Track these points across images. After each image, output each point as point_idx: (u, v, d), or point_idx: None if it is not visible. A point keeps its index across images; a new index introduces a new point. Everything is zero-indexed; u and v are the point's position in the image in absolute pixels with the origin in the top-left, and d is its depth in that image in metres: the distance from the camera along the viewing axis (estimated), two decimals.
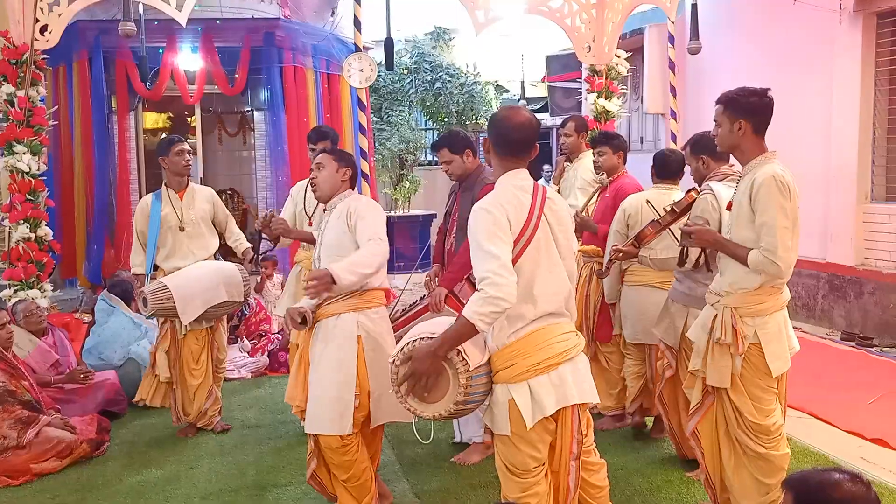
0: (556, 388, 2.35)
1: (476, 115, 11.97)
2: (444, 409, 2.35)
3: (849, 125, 6.61)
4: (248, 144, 9.02)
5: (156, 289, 4.14)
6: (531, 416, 2.32)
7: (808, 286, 7.12)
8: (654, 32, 8.98)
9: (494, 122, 2.48)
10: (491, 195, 2.41)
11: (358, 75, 6.39)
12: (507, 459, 2.41)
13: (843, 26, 6.59)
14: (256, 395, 5.30)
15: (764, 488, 2.89)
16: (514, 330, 2.35)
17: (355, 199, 3.18)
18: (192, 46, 7.25)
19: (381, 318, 3.11)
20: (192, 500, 3.58)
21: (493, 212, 2.32)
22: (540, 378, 2.33)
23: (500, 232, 2.30)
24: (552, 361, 2.35)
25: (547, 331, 2.39)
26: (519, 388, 2.33)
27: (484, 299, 2.22)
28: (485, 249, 2.27)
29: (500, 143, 2.47)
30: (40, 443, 3.88)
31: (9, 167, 5.45)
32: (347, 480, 3.06)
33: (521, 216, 2.36)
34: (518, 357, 2.34)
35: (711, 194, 3.27)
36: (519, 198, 2.39)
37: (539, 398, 2.32)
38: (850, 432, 4.24)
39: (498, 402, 2.37)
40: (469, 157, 3.88)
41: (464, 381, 2.30)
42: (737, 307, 2.84)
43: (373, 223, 3.03)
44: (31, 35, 5.40)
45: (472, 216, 2.36)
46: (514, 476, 2.41)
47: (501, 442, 2.42)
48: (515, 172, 2.46)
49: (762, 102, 2.83)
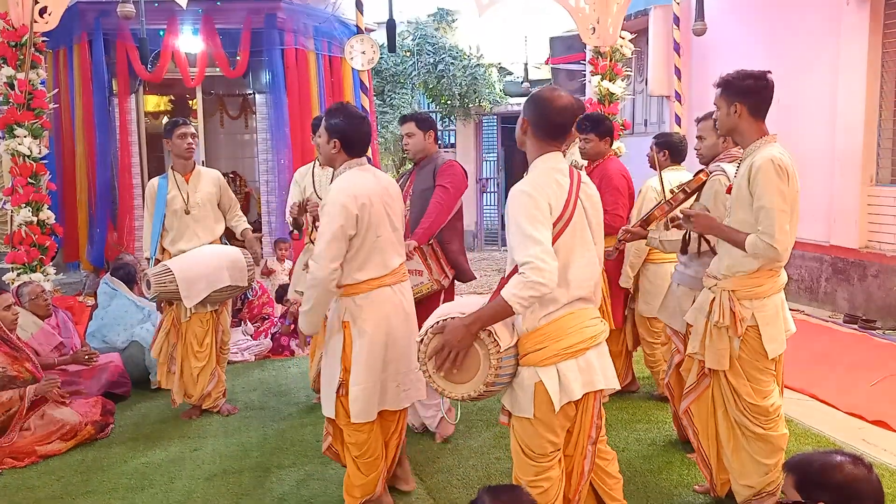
0: (583, 373, 2.36)
1: (479, 98, 11.90)
2: (474, 390, 2.34)
3: (855, 107, 6.56)
4: (250, 127, 8.99)
5: (159, 271, 4.14)
6: (558, 400, 2.32)
7: (812, 269, 7.11)
8: (659, 14, 8.89)
9: (536, 103, 2.41)
10: (530, 177, 2.36)
11: (360, 57, 6.35)
12: (524, 442, 2.42)
13: (851, 7, 6.53)
14: (260, 377, 5.32)
15: (763, 469, 2.91)
16: (546, 313, 2.34)
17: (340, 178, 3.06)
18: (193, 28, 7.20)
19: (368, 303, 2.98)
20: (196, 481, 3.61)
21: (535, 195, 2.28)
22: (568, 362, 2.33)
23: (542, 216, 2.27)
24: (581, 346, 2.36)
25: (577, 315, 2.38)
26: (547, 372, 2.32)
27: (525, 283, 2.19)
28: (527, 233, 2.23)
29: (539, 125, 2.40)
30: (45, 425, 3.92)
31: (10, 150, 5.44)
32: (359, 457, 3.09)
33: (560, 200, 2.33)
34: (548, 340, 2.33)
35: (724, 175, 3.25)
36: (558, 181, 2.36)
37: (567, 382, 2.33)
38: (851, 414, 4.25)
39: (523, 385, 2.36)
40: (431, 137, 3.99)
41: (495, 362, 2.29)
42: (735, 290, 2.84)
43: (320, 235, 2.92)
44: (30, 17, 5.36)
45: (512, 198, 2.31)
46: (529, 459, 2.42)
47: (520, 424, 2.42)
48: (553, 155, 2.41)
49: (759, 85, 2.81)
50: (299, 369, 5.47)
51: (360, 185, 2.94)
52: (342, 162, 3.04)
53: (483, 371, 2.32)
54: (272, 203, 7.62)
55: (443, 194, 3.84)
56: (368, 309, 2.98)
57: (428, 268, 3.80)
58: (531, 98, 2.45)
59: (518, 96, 12.40)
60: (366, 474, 3.09)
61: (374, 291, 2.99)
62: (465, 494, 3.35)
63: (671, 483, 3.44)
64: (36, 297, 4.60)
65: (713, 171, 3.33)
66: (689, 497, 3.31)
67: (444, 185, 3.84)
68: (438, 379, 2.38)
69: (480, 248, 12.34)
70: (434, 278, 3.80)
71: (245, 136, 9.31)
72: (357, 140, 3.04)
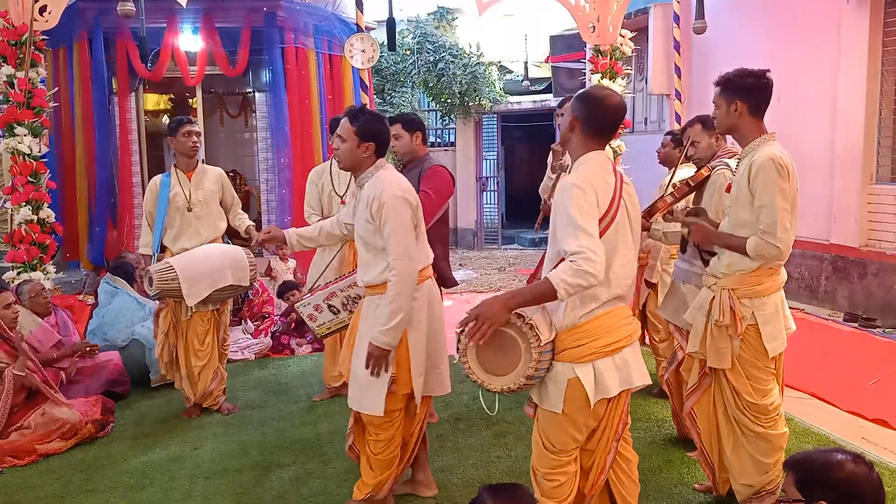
0: (619, 370, 2.38)
1: (479, 96, 11.88)
2: (514, 383, 2.34)
3: (855, 106, 6.56)
4: (250, 126, 8.97)
5: (162, 269, 4.14)
6: (594, 397, 2.34)
7: (812, 267, 7.11)
8: (660, 12, 8.89)
9: (589, 102, 2.43)
10: (579, 172, 2.37)
11: (360, 56, 6.34)
12: (547, 436, 2.45)
13: (850, 6, 6.52)
14: (260, 376, 5.32)
15: (763, 467, 2.91)
16: (586, 311, 2.35)
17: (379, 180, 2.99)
18: (193, 27, 7.19)
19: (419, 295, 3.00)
20: (196, 479, 3.61)
21: (585, 188, 2.29)
22: (605, 360, 2.35)
23: (591, 209, 2.28)
24: (619, 345, 2.38)
25: (615, 314, 2.40)
26: (584, 369, 2.34)
27: (575, 271, 2.20)
28: (578, 224, 2.24)
29: (591, 123, 2.41)
30: (45, 423, 3.92)
31: (10, 149, 5.43)
32: (378, 454, 3.07)
33: (606, 196, 2.34)
34: (587, 338, 2.34)
35: (728, 169, 3.25)
36: (605, 178, 2.37)
37: (603, 380, 2.35)
38: (851, 413, 4.25)
39: (556, 379, 2.37)
40: (418, 139, 3.92)
41: (535, 356, 2.30)
42: (735, 289, 2.84)
43: (395, 233, 2.88)
44: (30, 15, 5.35)
45: (563, 191, 2.32)
46: (549, 452, 2.45)
47: (545, 418, 2.44)
48: (599, 153, 2.43)
49: (759, 83, 2.82)
50: (299, 368, 5.47)
51: (401, 181, 3.00)
52: (371, 164, 3.03)
53: (524, 364, 2.32)
54: (272, 202, 7.62)
55: (424, 200, 3.56)
56: (417, 304, 2.99)
57: None
58: (582, 97, 2.46)
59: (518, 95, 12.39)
60: (378, 473, 3.09)
61: (422, 284, 3.02)
62: (465, 494, 3.34)
63: (671, 482, 3.44)
64: (36, 294, 4.60)
65: (716, 167, 3.34)
66: (689, 496, 3.31)
67: (427, 192, 3.71)
68: (478, 370, 2.38)
69: (481, 247, 12.33)
70: None
71: (245, 135, 9.30)
72: (387, 142, 3.11)
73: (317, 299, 3.56)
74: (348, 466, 3.68)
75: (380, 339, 2.87)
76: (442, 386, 3.19)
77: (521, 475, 3.53)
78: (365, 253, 3.02)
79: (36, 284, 4.69)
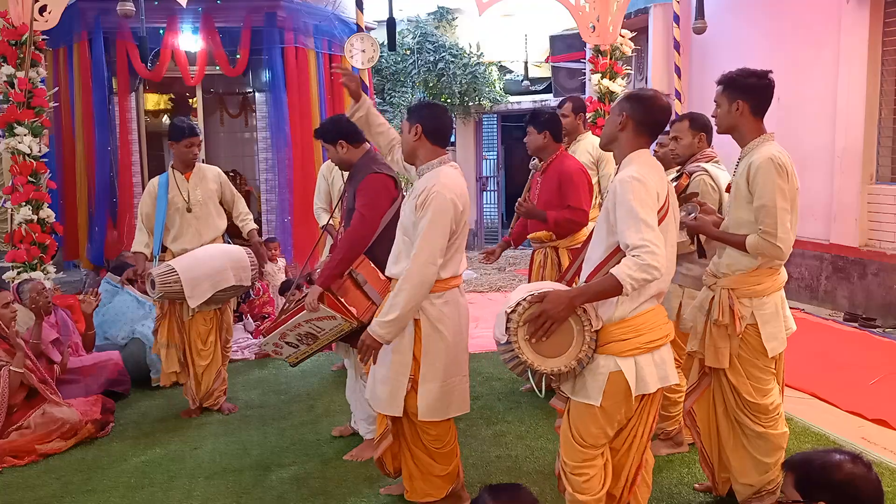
0: (657, 368, 2.40)
1: (479, 96, 11.88)
2: (565, 365, 2.35)
3: (855, 106, 6.56)
4: (250, 126, 8.97)
5: (164, 271, 4.13)
6: (635, 390, 2.36)
7: (812, 267, 7.11)
8: (660, 12, 8.89)
9: (642, 102, 2.47)
10: (636, 167, 2.38)
11: (360, 56, 6.34)
12: (578, 429, 2.46)
13: (850, 5, 6.52)
14: (260, 375, 5.32)
15: (763, 467, 2.91)
16: (635, 305, 2.37)
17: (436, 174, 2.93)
18: (193, 27, 7.19)
19: (443, 303, 2.92)
20: (196, 479, 3.61)
21: (647, 182, 2.32)
22: (646, 356, 2.38)
23: (652, 202, 2.31)
24: (659, 343, 2.41)
25: (658, 311, 2.44)
26: (626, 362, 2.36)
27: (640, 266, 2.22)
28: (640, 217, 2.26)
29: (643, 122, 2.46)
30: (45, 423, 3.92)
31: (10, 149, 5.44)
32: (439, 448, 3.02)
33: (663, 192, 2.38)
34: (632, 333, 2.36)
35: (707, 174, 3.26)
36: (658, 173, 2.41)
37: (643, 375, 2.37)
38: (851, 412, 4.25)
39: (596, 372, 2.38)
40: (343, 147, 3.69)
41: (588, 338, 2.32)
42: (734, 288, 2.85)
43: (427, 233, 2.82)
44: (30, 15, 5.36)
45: (624, 185, 2.32)
46: (579, 445, 2.46)
47: (578, 410, 2.45)
48: (646, 151, 2.48)
49: (761, 83, 2.83)
50: (299, 368, 5.45)
51: (458, 184, 2.94)
52: (427, 156, 3.00)
53: (576, 346, 2.35)
54: (272, 202, 7.62)
55: (357, 224, 3.42)
56: (446, 309, 2.93)
57: (340, 310, 3.33)
58: (634, 97, 2.50)
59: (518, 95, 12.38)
60: (447, 464, 3.07)
61: (448, 292, 2.94)
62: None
63: (671, 481, 3.44)
64: (37, 294, 4.60)
65: (695, 172, 3.33)
66: (689, 495, 3.31)
67: (361, 213, 3.43)
68: (528, 351, 2.36)
69: (481, 247, 12.32)
70: (351, 317, 3.34)
71: (245, 135, 9.30)
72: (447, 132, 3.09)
73: (273, 338, 3.56)
74: (348, 466, 3.68)
75: (375, 330, 2.85)
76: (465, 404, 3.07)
77: (521, 475, 3.53)
78: (401, 243, 2.98)
79: (37, 283, 4.68)
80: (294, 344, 3.58)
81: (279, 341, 3.57)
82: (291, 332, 3.51)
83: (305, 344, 3.56)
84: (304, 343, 3.55)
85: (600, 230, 2.46)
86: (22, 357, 3.95)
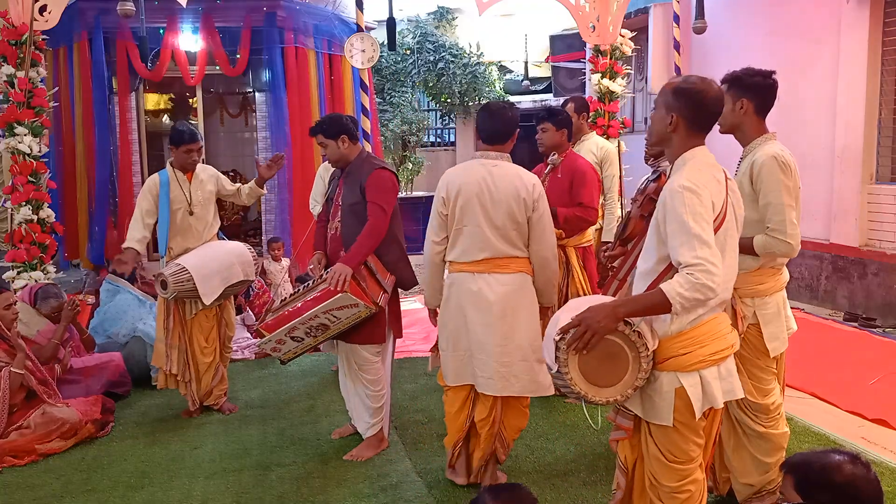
0: (723, 381, 2.27)
1: (479, 96, 11.88)
2: (620, 394, 2.22)
3: (855, 105, 6.56)
4: (250, 125, 8.97)
5: (175, 271, 4.13)
6: (700, 408, 2.22)
7: (812, 267, 7.11)
8: (660, 12, 8.88)
9: (691, 96, 2.24)
10: (687, 173, 2.19)
11: (360, 56, 6.34)
12: (668, 449, 2.29)
13: (850, 5, 6.52)
14: (260, 375, 5.32)
15: (764, 467, 2.92)
16: (694, 316, 2.22)
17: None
18: (193, 27, 7.18)
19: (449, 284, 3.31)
20: (196, 479, 3.61)
21: (700, 192, 2.13)
22: (711, 369, 2.23)
23: (707, 214, 2.13)
24: (724, 354, 2.26)
25: (719, 320, 2.29)
26: (690, 378, 2.21)
27: (693, 284, 2.06)
28: (694, 233, 2.09)
29: (694, 117, 2.24)
30: (45, 423, 3.92)
31: (10, 149, 5.43)
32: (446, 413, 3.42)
33: (719, 197, 2.20)
34: (694, 345, 2.21)
35: None
36: (716, 176, 2.23)
37: (709, 390, 2.23)
38: (851, 412, 4.25)
39: (661, 391, 2.23)
40: (344, 142, 3.79)
41: (645, 366, 2.18)
42: (737, 288, 2.84)
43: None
44: (30, 15, 5.35)
45: (675, 196, 2.15)
46: (674, 465, 2.30)
47: (661, 432, 2.29)
48: (702, 149, 2.27)
49: (766, 83, 2.84)
50: (299, 367, 5.46)
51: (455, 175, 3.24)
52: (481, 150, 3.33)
53: (632, 374, 2.20)
54: (272, 202, 7.61)
55: (380, 216, 3.61)
56: (450, 289, 3.28)
57: (362, 296, 3.47)
58: (680, 93, 2.26)
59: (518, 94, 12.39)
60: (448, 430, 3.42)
61: (455, 274, 3.26)
62: (465, 493, 3.34)
63: None
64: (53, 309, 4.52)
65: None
66: None
67: (381, 206, 3.61)
68: (581, 381, 2.22)
69: None
70: (371, 303, 3.51)
71: (245, 135, 9.29)
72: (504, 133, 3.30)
73: (279, 335, 3.55)
74: (348, 466, 3.69)
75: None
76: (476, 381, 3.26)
77: (521, 475, 3.53)
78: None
79: (63, 302, 4.54)
80: (299, 338, 3.58)
81: (284, 337, 3.56)
82: (303, 326, 3.51)
83: (312, 336, 3.57)
84: (311, 336, 3.57)
85: (650, 241, 2.30)
86: (22, 358, 3.95)
